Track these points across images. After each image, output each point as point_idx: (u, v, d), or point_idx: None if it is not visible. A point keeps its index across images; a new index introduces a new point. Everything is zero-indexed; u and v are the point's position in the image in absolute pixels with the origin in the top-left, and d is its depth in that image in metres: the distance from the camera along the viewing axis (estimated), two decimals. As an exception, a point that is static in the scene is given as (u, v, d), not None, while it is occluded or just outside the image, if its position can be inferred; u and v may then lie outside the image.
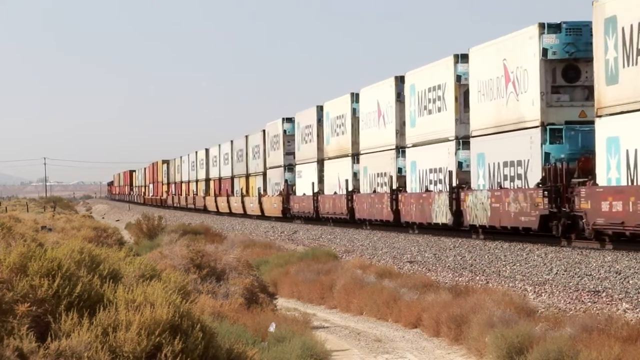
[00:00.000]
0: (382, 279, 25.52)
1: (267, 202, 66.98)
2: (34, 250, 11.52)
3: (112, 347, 10.38)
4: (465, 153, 37.44)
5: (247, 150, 76.85)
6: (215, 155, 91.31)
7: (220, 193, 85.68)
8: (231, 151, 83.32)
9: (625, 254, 25.47)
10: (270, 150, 68.40)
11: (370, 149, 47.95)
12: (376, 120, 46.84)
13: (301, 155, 60.73)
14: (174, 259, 21.38)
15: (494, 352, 15.68)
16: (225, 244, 36.19)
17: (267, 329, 17.13)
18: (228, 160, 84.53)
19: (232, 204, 79.01)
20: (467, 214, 35.73)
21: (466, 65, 36.94)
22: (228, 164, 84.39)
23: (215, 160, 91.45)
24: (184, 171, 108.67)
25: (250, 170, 75.77)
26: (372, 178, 47.24)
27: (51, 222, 49.71)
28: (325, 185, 55.53)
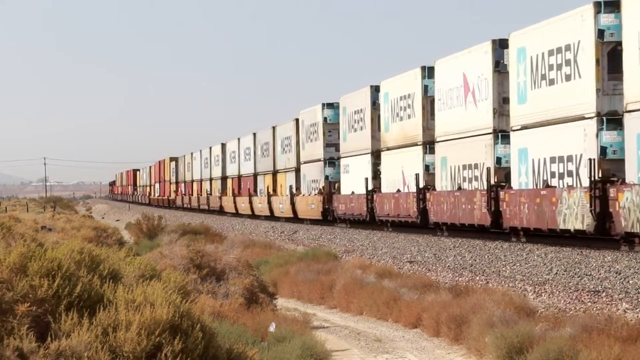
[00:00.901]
0: (382, 279, 25.52)
1: (301, 203, 57.48)
2: (34, 250, 11.52)
3: (112, 347, 10.38)
4: (612, 136, 28.36)
5: (275, 144, 67.38)
6: (234, 150, 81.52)
7: (240, 192, 77.02)
8: (254, 145, 73.81)
9: (625, 254, 25.47)
10: (305, 142, 58.82)
11: (451, 134, 37.72)
12: (461, 98, 36.98)
13: (348, 146, 51.11)
14: (174, 259, 21.38)
15: (494, 352, 15.68)
16: (225, 244, 36.20)
17: (267, 329, 17.13)
18: (250, 155, 75.01)
19: (255, 205, 70.11)
20: (622, 218, 26.19)
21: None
22: (250, 160, 74.93)
23: (233, 156, 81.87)
24: (195, 169, 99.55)
25: (278, 166, 66.44)
26: (454, 171, 37.32)
27: (51, 222, 49.71)
28: (383, 182, 45.60)
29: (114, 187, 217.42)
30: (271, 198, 65.52)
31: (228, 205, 79.46)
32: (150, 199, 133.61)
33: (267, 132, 69.68)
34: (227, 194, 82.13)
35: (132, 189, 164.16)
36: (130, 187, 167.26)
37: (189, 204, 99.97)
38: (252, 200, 71.36)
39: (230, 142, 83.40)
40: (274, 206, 64.25)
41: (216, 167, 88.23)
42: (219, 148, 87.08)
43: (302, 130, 59.45)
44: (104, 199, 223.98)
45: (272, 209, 64.66)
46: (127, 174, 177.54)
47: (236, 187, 78.91)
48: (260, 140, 72.25)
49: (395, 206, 42.70)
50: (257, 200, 69.96)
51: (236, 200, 76.57)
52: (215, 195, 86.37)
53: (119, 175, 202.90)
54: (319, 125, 55.82)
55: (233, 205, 77.09)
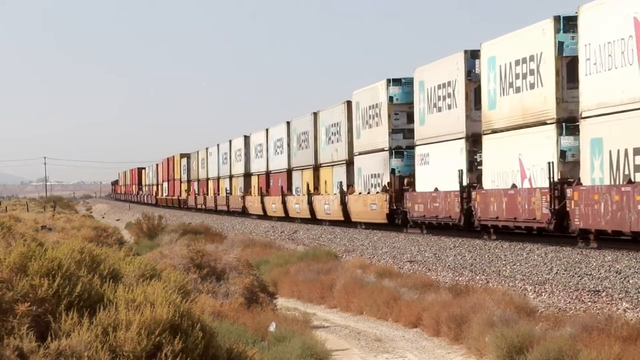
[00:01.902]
0: (382, 278, 25.51)
1: (357, 203, 47.84)
2: (34, 250, 11.52)
3: (112, 347, 10.38)
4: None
5: (317, 132, 56.75)
6: (261, 142, 70.97)
7: (270, 191, 66.67)
8: (287, 135, 63.32)
9: (625, 254, 25.47)
10: (360, 128, 48.53)
11: (612, 106, 27.33)
12: (631, 53, 26.72)
13: (427, 130, 40.39)
14: (174, 258, 21.38)
15: (494, 351, 15.68)
16: (225, 244, 36.18)
17: (267, 328, 17.13)
18: (282, 148, 64.50)
19: (290, 205, 59.87)
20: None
21: None
22: (282, 153, 64.47)
23: (259, 149, 71.31)
24: (211, 165, 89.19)
25: (322, 158, 55.81)
26: (616, 158, 26.72)
27: (51, 222, 49.71)
28: (485, 175, 35.42)
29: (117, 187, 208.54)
30: (313, 197, 54.99)
31: (253, 206, 70.03)
32: (157, 199, 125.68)
33: (306, 119, 59.25)
34: (251, 193, 72.41)
35: (136, 189, 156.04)
36: (134, 187, 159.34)
37: (204, 204, 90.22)
38: (286, 201, 60.85)
39: (256, 134, 72.93)
40: (316, 207, 54.11)
41: (237, 162, 78.34)
42: (241, 141, 76.96)
43: (357, 115, 48.98)
44: (104, 199, 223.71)
45: (313, 210, 54.59)
46: (132, 172, 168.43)
47: (264, 185, 68.89)
48: (296, 129, 61.53)
49: (510, 207, 32.70)
50: (293, 200, 59.19)
51: (264, 200, 66.47)
52: (237, 195, 76.58)
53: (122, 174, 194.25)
54: (381, 107, 45.10)
55: (260, 206, 67.33)
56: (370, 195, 46.02)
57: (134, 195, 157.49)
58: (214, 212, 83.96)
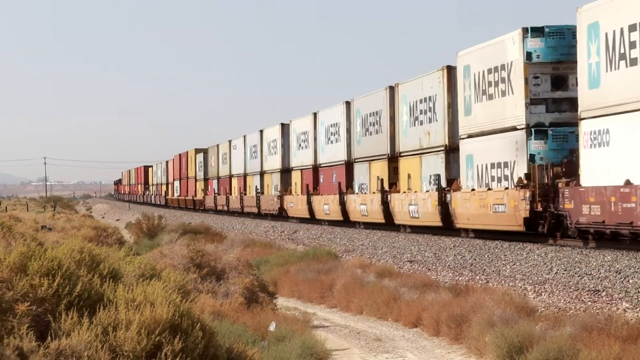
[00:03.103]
0: (382, 278, 25.52)
1: (468, 203, 34.93)
2: (34, 249, 11.52)
3: (112, 347, 10.37)
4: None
5: (395, 112, 43.09)
6: (305, 130, 58.45)
7: (320, 189, 54.26)
8: (346, 119, 50.40)
9: (625, 254, 25.46)
10: (472, 101, 35.11)
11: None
12: None
13: (607, 94, 27.52)
14: (174, 258, 21.37)
15: (494, 351, 15.68)
16: (225, 244, 36.19)
17: (267, 328, 17.13)
18: (338, 135, 51.87)
19: (352, 207, 47.51)
20: None
21: None
22: (338, 142, 51.78)
23: (304, 138, 58.57)
24: (236, 161, 77.12)
25: (403, 146, 42.22)
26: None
27: (51, 222, 49.74)
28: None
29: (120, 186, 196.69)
30: (390, 196, 42.53)
31: (296, 208, 57.67)
32: (167, 199, 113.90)
33: (376, 96, 46.07)
34: (292, 191, 60.38)
35: (142, 188, 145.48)
36: (140, 186, 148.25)
37: (226, 205, 77.85)
38: (345, 200, 48.73)
39: (297, 121, 60.75)
40: (394, 208, 41.87)
41: (272, 156, 66.06)
42: (277, 130, 64.71)
43: (464, 83, 35.82)
44: (104, 199, 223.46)
45: (391, 212, 42.37)
46: (137, 171, 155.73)
47: (310, 182, 56.22)
48: (360, 110, 48.53)
49: None
50: (357, 199, 46.90)
51: (312, 200, 54.25)
52: (272, 195, 64.54)
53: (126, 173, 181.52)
54: (512, 68, 32.67)
55: (306, 208, 54.98)
56: (494, 192, 33.29)
57: (139, 196, 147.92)
58: (241, 214, 72.54)
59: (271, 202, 63.81)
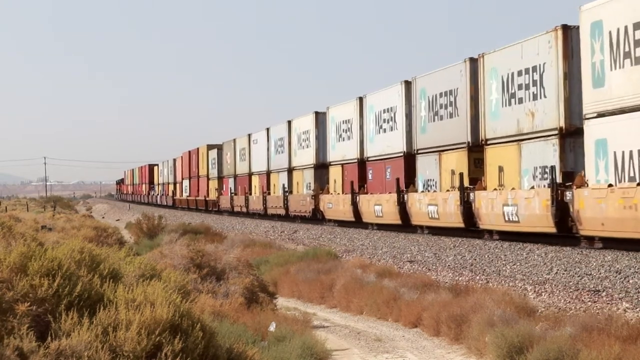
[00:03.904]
0: (382, 278, 25.52)
1: (606, 203, 26.39)
2: (34, 249, 11.52)
3: (112, 347, 10.38)
4: None
5: (479, 90, 34.68)
6: (348, 118, 49.69)
7: (369, 187, 46.11)
8: (404, 102, 41.81)
9: (625, 254, 25.47)
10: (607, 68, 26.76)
11: None
12: None
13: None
14: (174, 258, 21.37)
15: (494, 351, 15.68)
16: (226, 244, 36.20)
17: (267, 328, 17.13)
18: (393, 122, 43.20)
19: (416, 207, 39.21)
20: None
21: None
22: (394, 131, 42.98)
23: (345, 128, 50.10)
24: (257, 156, 69.43)
25: (490, 131, 33.78)
26: None
27: (51, 222, 49.76)
28: None
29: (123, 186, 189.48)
30: (474, 195, 34.33)
31: (336, 209, 49.99)
32: (175, 199, 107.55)
33: (450, 72, 37.50)
34: (330, 190, 52.36)
35: (147, 188, 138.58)
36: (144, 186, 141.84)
37: (245, 206, 70.99)
38: (406, 200, 40.50)
39: (337, 108, 52.37)
40: (481, 209, 33.64)
41: (303, 150, 58.27)
42: (310, 120, 56.97)
43: (591, 45, 27.42)
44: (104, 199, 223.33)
45: (475, 214, 34.28)
46: (141, 170, 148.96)
47: (355, 179, 47.96)
48: (425, 90, 39.70)
49: None
50: (423, 199, 38.77)
51: (359, 200, 46.30)
52: (303, 194, 56.47)
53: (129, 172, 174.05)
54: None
55: (350, 209, 47.13)
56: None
57: (143, 196, 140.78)
58: (263, 216, 66.08)
59: (302, 202, 55.84)
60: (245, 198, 71.15)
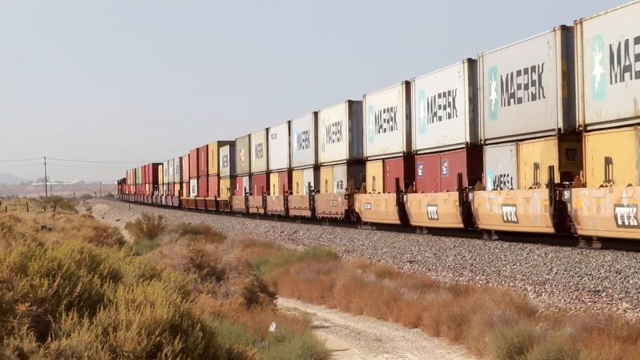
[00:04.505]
0: (382, 278, 25.52)
1: None
2: (34, 249, 11.52)
3: (112, 347, 10.37)
4: None
5: (574, 65, 28.34)
6: (390, 106, 42.93)
7: (416, 186, 39.86)
8: (467, 84, 35.83)
9: (625, 254, 25.47)
10: None
11: None
12: None
13: None
14: (174, 258, 21.37)
15: (494, 351, 15.68)
16: (226, 244, 36.20)
17: (267, 328, 17.13)
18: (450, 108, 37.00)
19: (485, 208, 32.97)
20: None
21: None
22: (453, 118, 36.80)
23: (387, 118, 43.42)
24: (276, 153, 63.69)
25: (591, 114, 27.38)
26: None
27: (51, 222, 49.76)
28: None
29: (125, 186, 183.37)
30: (570, 193, 28.19)
31: (376, 210, 43.54)
32: (181, 200, 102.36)
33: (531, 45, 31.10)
34: (367, 188, 45.68)
35: (150, 188, 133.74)
36: (147, 186, 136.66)
37: (262, 207, 65.20)
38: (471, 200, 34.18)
39: (376, 95, 45.19)
40: (583, 211, 27.44)
41: (334, 144, 51.58)
42: (341, 110, 50.16)
43: None
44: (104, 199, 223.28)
45: (572, 217, 28.18)
46: (144, 169, 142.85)
47: (401, 175, 41.28)
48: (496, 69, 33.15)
49: None
50: (496, 198, 32.25)
51: (407, 200, 40.12)
52: (334, 193, 50.44)
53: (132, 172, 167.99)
54: None
55: (395, 210, 40.83)
56: None
57: (147, 196, 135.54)
58: (283, 218, 60.60)
59: (333, 202, 49.93)
60: (262, 198, 65.47)
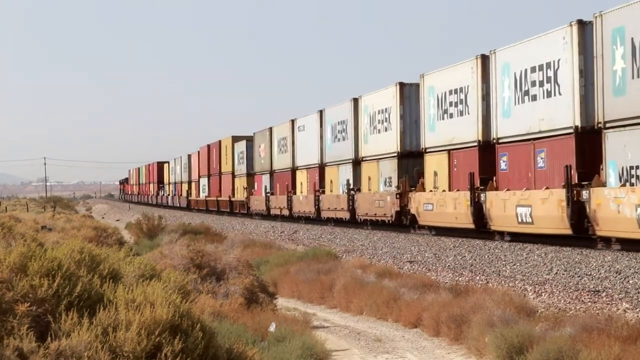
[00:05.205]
0: (382, 278, 25.52)
1: None
2: (34, 250, 11.52)
3: (112, 347, 10.37)
4: None
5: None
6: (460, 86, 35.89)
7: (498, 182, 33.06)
8: (576, 52, 28.21)
9: (625, 254, 25.48)
10: None
11: None
12: None
13: None
14: (174, 258, 21.37)
15: (494, 351, 15.68)
16: (225, 244, 36.20)
17: (267, 328, 17.13)
18: (551, 84, 29.67)
19: (609, 210, 26.09)
20: None
21: None
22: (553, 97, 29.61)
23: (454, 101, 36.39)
24: (304, 147, 57.21)
25: None
26: None
27: (51, 222, 49.77)
28: None
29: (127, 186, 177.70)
30: None
31: (441, 212, 36.71)
32: (190, 200, 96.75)
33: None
34: (424, 186, 39.12)
35: (155, 188, 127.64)
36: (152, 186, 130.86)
37: (287, 207, 58.83)
38: (586, 200, 27.66)
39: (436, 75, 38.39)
40: None
41: (377, 134, 44.75)
42: (389, 95, 43.16)
43: None
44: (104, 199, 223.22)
45: None
46: (148, 168, 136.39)
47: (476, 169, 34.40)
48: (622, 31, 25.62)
49: None
50: (628, 198, 25.43)
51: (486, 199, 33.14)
52: (379, 192, 43.46)
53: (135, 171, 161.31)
54: None
55: (469, 212, 34.18)
56: None
57: (151, 197, 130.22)
58: (312, 220, 54.46)
59: (379, 202, 43.18)
60: (287, 198, 58.89)
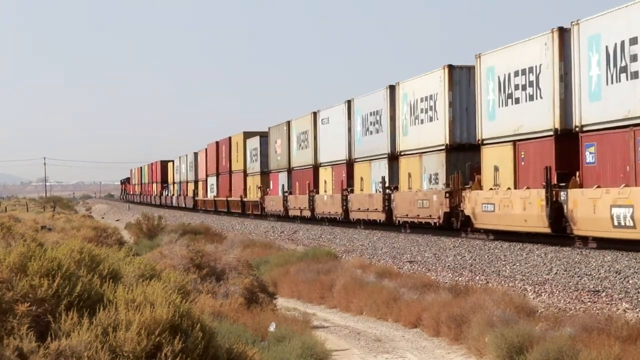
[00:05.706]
0: (382, 278, 25.52)
1: None
2: (34, 250, 11.51)
3: (112, 347, 10.37)
4: None
5: None
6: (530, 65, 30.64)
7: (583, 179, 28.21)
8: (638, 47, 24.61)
9: (625, 254, 25.48)
10: None
11: None
12: None
13: None
14: (174, 258, 21.37)
15: (493, 351, 15.68)
16: (225, 244, 36.19)
17: (267, 328, 17.13)
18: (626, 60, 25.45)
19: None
20: None
21: None
22: None
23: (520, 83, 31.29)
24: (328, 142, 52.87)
25: None
26: None
27: (51, 222, 49.78)
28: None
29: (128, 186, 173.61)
30: None
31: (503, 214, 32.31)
32: (196, 200, 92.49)
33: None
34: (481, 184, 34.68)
35: (158, 188, 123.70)
36: (155, 185, 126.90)
37: (309, 209, 54.39)
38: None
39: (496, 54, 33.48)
40: None
41: (418, 125, 40.14)
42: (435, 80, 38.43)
43: None
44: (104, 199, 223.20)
45: None
46: (152, 167, 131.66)
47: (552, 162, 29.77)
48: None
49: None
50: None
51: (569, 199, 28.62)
52: (422, 191, 39.09)
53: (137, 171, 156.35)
54: None
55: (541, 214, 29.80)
56: None
57: (154, 197, 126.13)
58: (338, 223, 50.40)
59: (423, 202, 38.68)
60: (309, 198, 54.43)
